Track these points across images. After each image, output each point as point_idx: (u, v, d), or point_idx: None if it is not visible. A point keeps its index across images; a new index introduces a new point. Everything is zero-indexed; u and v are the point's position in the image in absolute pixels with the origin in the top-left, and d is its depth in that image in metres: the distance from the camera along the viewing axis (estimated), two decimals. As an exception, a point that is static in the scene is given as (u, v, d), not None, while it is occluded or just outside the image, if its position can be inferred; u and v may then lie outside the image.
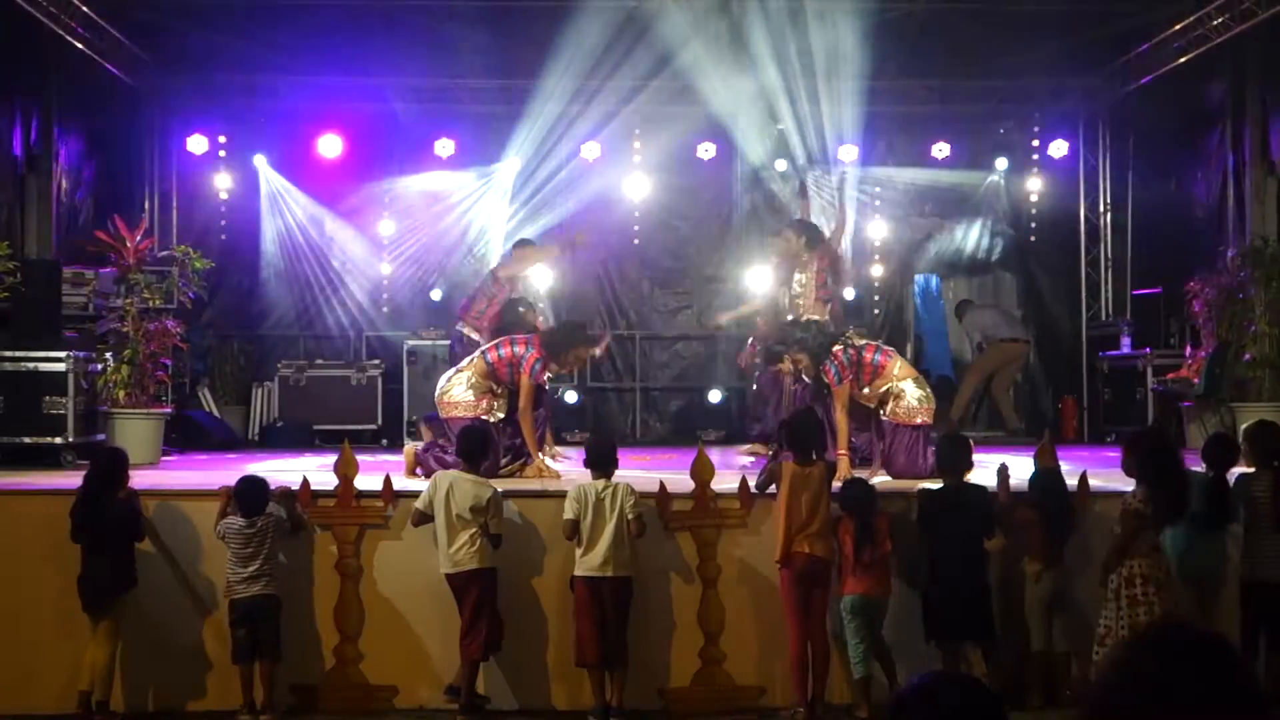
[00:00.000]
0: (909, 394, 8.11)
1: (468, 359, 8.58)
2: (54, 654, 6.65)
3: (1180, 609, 5.85)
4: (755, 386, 10.84)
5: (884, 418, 8.16)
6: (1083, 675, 6.41)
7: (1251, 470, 6.47)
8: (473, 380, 8.24)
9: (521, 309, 10.12)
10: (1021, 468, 6.97)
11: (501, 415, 8.31)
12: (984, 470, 7.02)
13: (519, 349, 8.29)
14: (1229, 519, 6.29)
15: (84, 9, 11.20)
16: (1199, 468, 6.47)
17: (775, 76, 13.01)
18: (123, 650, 6.56)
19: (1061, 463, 6.89)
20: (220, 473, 7.62)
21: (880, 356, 8.20)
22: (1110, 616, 5.81)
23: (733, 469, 8.25)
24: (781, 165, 14.52)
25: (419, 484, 7.01)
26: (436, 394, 8.47)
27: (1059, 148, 14.46)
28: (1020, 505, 6.60)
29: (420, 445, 8.56)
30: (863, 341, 8.38)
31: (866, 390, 8.19)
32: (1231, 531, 6.37)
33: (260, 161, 14.12)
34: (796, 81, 13.22)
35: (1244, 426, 7.43)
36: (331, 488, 6.86)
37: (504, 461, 8.10)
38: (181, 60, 13.02)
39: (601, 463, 6.63)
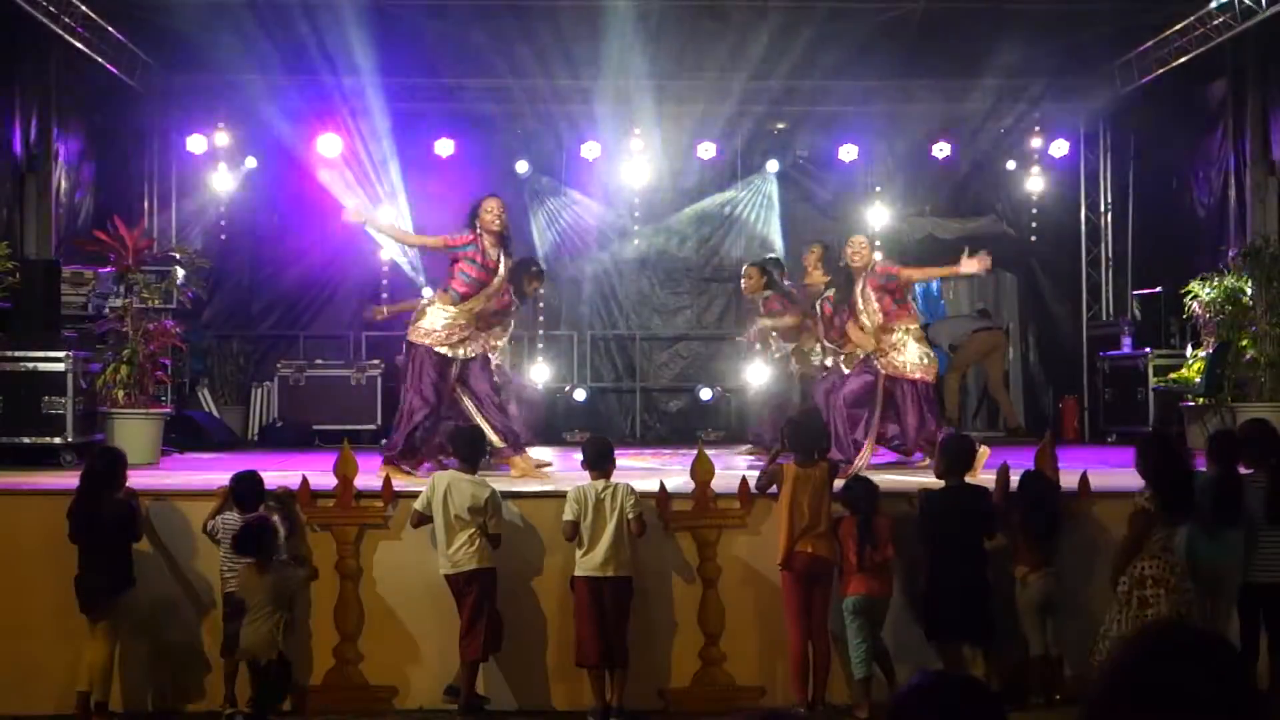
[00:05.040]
0: (911, 347, 8.42)
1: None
2: (52, 654, 6.64)
3: (1190, 610, 5.81)
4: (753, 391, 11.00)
5: (881, 368, 8.43)
6: (1076, 676, 6.39)
7: (1247, 470, 6.45)
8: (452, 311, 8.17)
9: None
10: (1023, 468, 6.94)
11: (474, 355, 8.25)
12: (984, 471, 7.01)
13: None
14: (1237, 517, 6.22)
15: (84, 9, 11.21)
16: (1204, 467, 6.44)
17: (774, 76, 13.01)
18: (121, 651, 6.55)
19: (1061, 463, 6.87)
20: (220, 473, 7.61)
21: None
22: (1121, 618, 5.78)
23: (733, 468, 8.25)
24: (774, 166, 14.55)
25: (419, 484, 7.00)
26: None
27: (1059, 148, 14.46)
28: (1010, 508, 6.59)
29: None
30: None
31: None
32: (1241, 530, 6.28)
33: (259, 161, 14.12)
34: (795, 81, 13.22)
35: (1239, 425, 7.41)
36: (331, 488, 6.85)
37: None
38: (181, 60, 13.02)
39: (599, 463, 6.61)
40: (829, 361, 9.34)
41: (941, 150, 14.30)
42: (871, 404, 8.50)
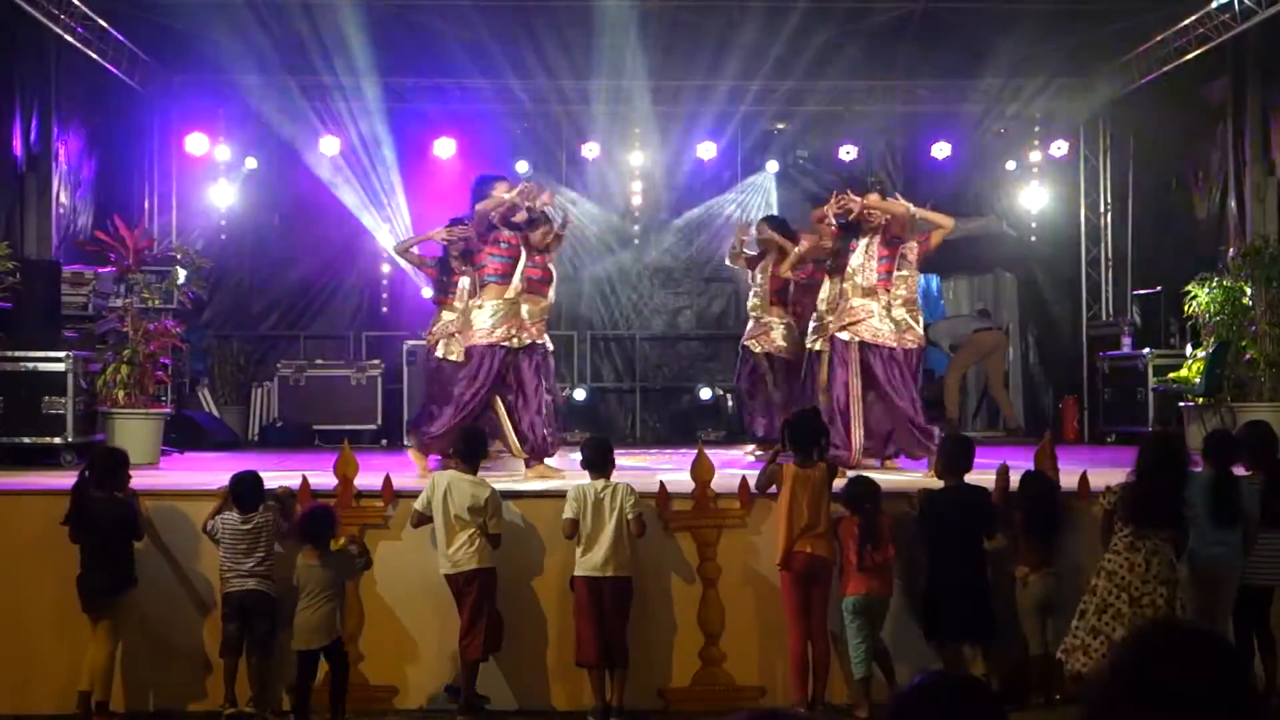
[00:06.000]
0: (896, 313, 8.41)
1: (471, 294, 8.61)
2: (53, 654, 6.64)
3: (1160, 609, 5.75)
4: (738, 384, 10.82)
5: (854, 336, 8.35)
6: (1073, 675, 6.39)
7: (1245, 472, 6.44)
8: (495, 304, 8.21)
9: None
10: (1023, 468, 6.95)
11: (530, 341, 8.31)
12: (984, 471, 7.00)
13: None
14: (1235, 518, 6.20)
15: (84, 9, 11.21)
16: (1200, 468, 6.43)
17: (774, 77, 13.01)
18: (122, 650, 6.55)
19: (1061, 463, 6.87)
20: (220, 473, 7.62)
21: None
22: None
23: (735, 465, 8.25)
24: (774, 166, 14.55)
25: (419, 483, 7.00)
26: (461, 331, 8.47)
27: (1059, 148, 14.46)
28: (1009, 508, 6.59)
29: None
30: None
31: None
32: (1239, 531, 6.26)
33: (259, 161, 14.13)
34: (795, 81, 13.22)
35: (1238, 428, 7.40)
36: (331, 488, 6.85)
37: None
38: (181, 60, 13.03)
39: (598, 463, 6.61)
40: (818, 346, 9.18)
41: (941, 150, 14.30)
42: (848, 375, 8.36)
